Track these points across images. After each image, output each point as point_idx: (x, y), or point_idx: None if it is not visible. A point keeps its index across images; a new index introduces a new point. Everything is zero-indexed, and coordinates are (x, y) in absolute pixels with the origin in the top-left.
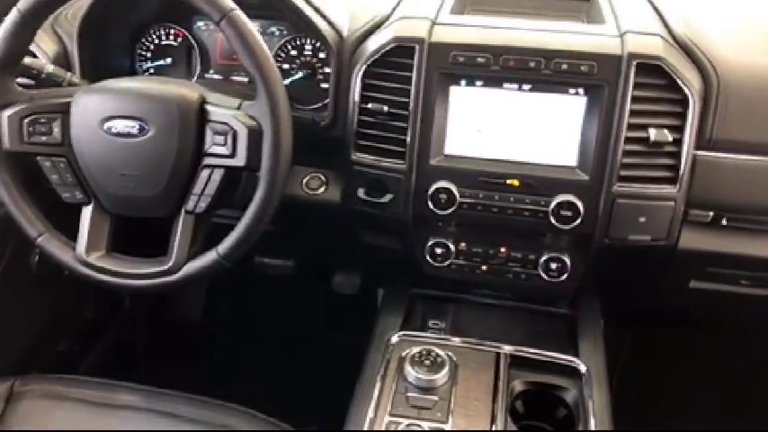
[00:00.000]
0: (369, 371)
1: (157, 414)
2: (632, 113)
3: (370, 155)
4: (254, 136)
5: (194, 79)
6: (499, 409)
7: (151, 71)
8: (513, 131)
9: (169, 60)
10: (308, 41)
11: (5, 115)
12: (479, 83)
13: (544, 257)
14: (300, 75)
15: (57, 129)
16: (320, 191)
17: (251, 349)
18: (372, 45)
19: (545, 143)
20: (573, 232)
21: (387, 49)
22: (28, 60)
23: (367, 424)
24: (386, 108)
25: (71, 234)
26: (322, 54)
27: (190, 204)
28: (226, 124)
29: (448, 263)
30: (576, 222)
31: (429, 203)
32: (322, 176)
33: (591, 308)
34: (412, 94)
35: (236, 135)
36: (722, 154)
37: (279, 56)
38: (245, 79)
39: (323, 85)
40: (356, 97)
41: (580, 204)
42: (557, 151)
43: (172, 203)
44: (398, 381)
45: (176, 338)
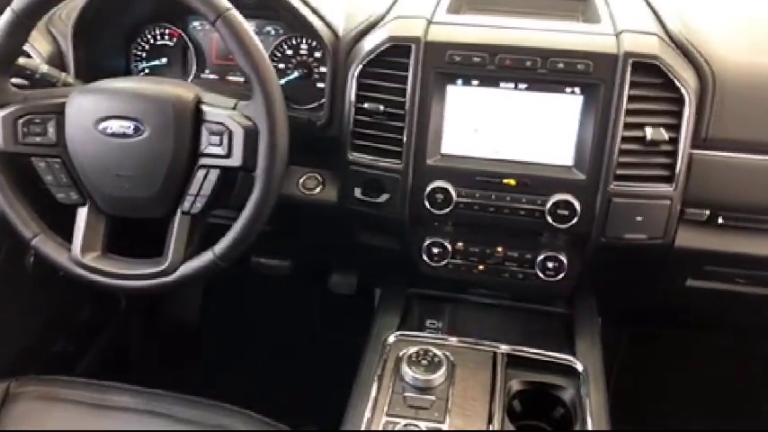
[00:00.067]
0: (366, 371)
1: (153, 415)
2: (628, 112)
3: (367, 155)
4: (250, 136)
5: (190, 79)
6: (496, 409)
7: (146, 71)
8: (509, 131)
9: (164, 60)
10: (304, 41)
11: None
12: (476, 82)
13: (541, 257)
14: (296, 74)
15: (51, 129)
16: (317, 191)
17: (247, 350)
18: (368, 44)
19: (541, 142)
20: (569, 231)
21: (383, 48)
22: (22, 60)
23: (364, 424)
24: (382, 108)
25: (66, 235)
26: (318, 54)
27: (186, 205)
28: (221, 124)
29: (445, 262)
30: (573, 221)
31: (426, 203)
32: (318, 176)
33: (588, 307)
34: (408, 93)
35: (232, 135)
36: (718, 152)
37: (274, 55)
38: (240, 79)
39: (319, 85)
40: (352, 97)
41: (577, 203)
42: (553, 150)
43: (168, 204)
44: (395, 381)
45: (172, 339)
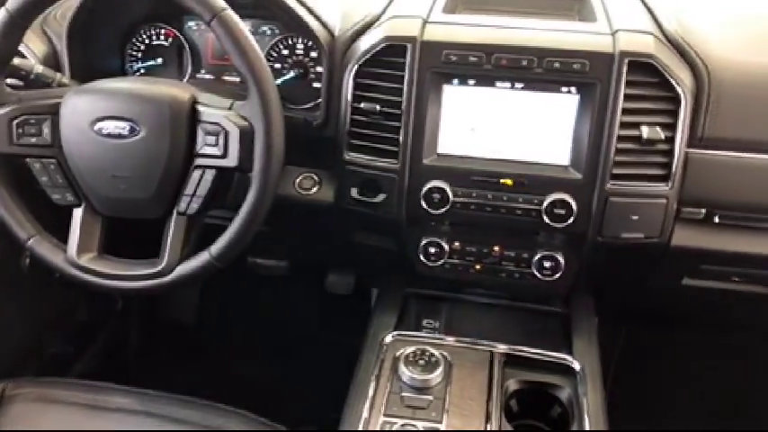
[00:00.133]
0: (363, 371)
1: (150, 416)
2: (624, 111)
3: (363, 154)
4: (246, 136)
5: (185, 79)
6: (494, 409)
7: (142, 71)
8: (505, 130)
9: (160, 60)
10: (300, 41)
11: None
12: (472, 82)
13: (538, 256)
14: (292, 74)
15: (46, 130)
16: (313, 191)
17: (244, 350)
18: (364, 44)
19: (538, 142)
20: (566, 231)
21: (379, 48)
22: (17, 61)
23: (362, 424)
24: (378, 107)
25: (62, 236)
26: (314, 53)
27: (182, 205)
28: (217, 124)
29: (441, 262)
30: (570, 221)
31: (422, 203)
32: (315, 176)
33: (585, 306)
34: (404, 93)
35: (228, 135)
36: (714, 151)
37: (270, 55)
38: (236, 79)
39: (315, 85)
40: (348, 97)
41: (573, 203)
42: (549, 150)
43: (164, 205)
44: (393, 381)
45: (169, 340)
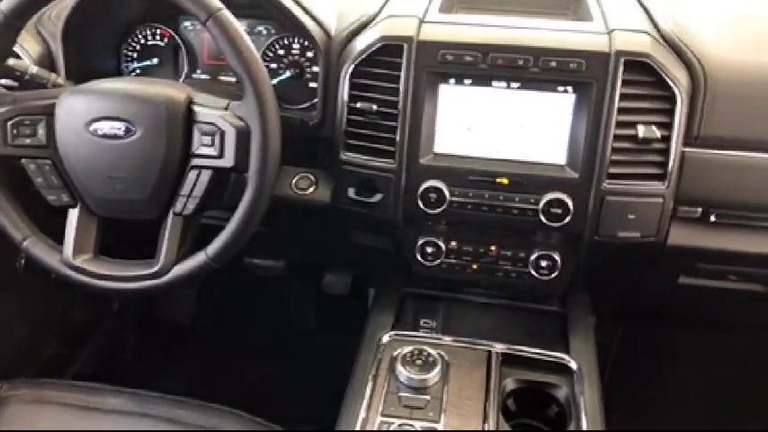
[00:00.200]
0: (360, 371)
1: (146, 417)
2: (620, 111)
3: (360, 154)
4: (242, 136)
5: (181, 79)
6: (491, 408)
7: (137, 72)
8: (502, 129)
9: (156, 61)
10: (296, 41)
11: None
12: (468, 81)
13: (534, 255)
14: (288, 74)
15: (41, 131)
16: (310, 191)
17: (242, 350)
18: (360, 44)
19: (534, 141)
20: (563, 230)
21: (375, 48)
22: (11, 62)
23: (359, 424)
24: (375, 107)
25: (58, 237)
26: (310, 53)
27: (178, 206)
28: (213, 125)
29: (438, 262)
30: (566, 220)
31: (419, 203)
32: (311, 176)
33: (581, 305)
34: (401, 92)
35: (224, 135)
36: (710, 150)
37: (266, 55)
38: (232, 79)
39: (311, 85)
40: (345, 97)
41: (570, 202)
42: (546, 149)
43: (160, 205)
44: (390, 380)
45: (166, 341)
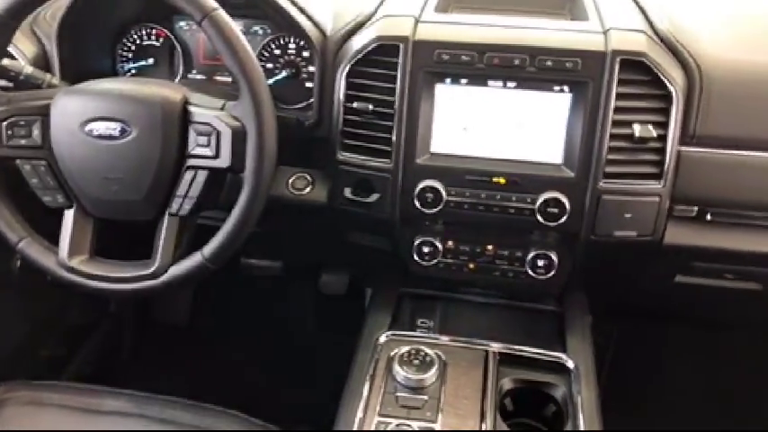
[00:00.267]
0: (357, 371)
1: (143, 418)
2: (616, 110)
3: (356, 154)
4: (238, 137)
5: (177, 80)
6: (489, 408)
7: (133, 72)
8: (498, 129)
9: (151, 61)
10: (292, 40)
11: None
12: (464, 81)
13: (531, 255)
14: (284, 74)
15: (36, 131)
16: (306, 191)
17: (239, 351)
18: (356, 44)
19: (530, 141)
20: (559, 229)
21: (371, 47)
22: (6, 62)
23: (356, 424)
24: (371, 107)
25: (53, 238)
26: (306, 53)
27: (174, 207)
28: (209, 125)
29: (435, 261)
30: (563, 219)
31: (416, 202)
32: (308, 176)
33: (578, 304)
34: (397, 92)
35: (220, 136)
36: (706, 149)
37: (262, 55)
38: (228, 79)
39: (307, 85)
40: (341, 96)
41: (566, 201)
42: (542, 148)
43: (156, 206)
44: (387, 380)
45: (163, 342)
